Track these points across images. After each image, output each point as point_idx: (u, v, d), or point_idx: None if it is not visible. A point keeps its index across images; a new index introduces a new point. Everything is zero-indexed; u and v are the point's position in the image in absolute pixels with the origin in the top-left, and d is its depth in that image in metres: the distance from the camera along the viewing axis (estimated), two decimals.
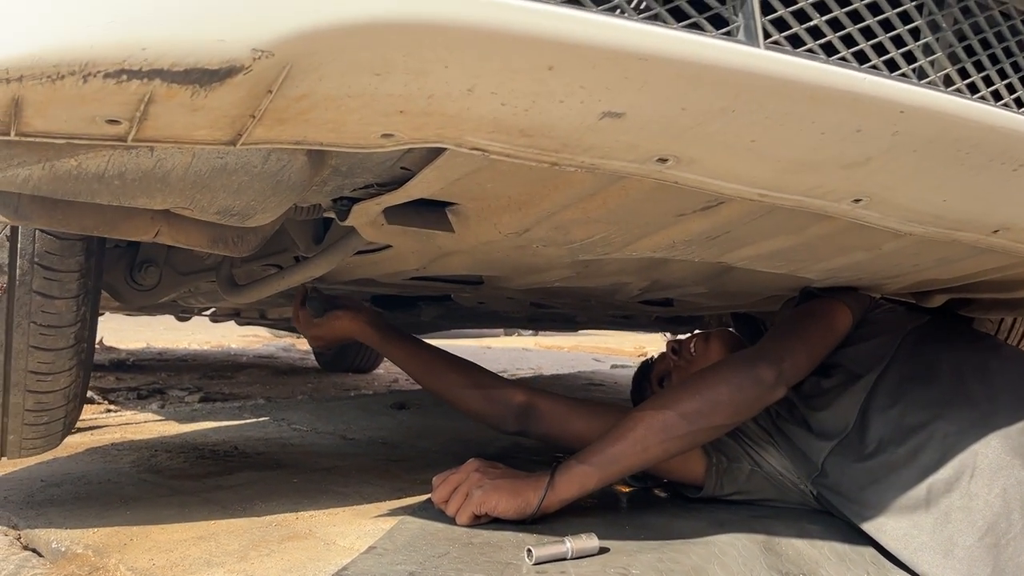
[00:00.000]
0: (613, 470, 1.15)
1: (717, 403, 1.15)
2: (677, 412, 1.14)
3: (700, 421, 1.15)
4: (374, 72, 0.62)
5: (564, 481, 1.15)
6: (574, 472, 1.15)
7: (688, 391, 1.17)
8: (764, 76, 0.67)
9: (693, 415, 1.14)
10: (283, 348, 5.96)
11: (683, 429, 1.14)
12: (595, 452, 1.16)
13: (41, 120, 0.66)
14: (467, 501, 1.13)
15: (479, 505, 1.12)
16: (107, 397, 2.77)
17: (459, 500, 1.14)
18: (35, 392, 1.04)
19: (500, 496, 1.13)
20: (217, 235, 0.92)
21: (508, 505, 1.12)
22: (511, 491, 1.13)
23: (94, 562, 1.00)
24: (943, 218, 0.92)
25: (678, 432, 1.14)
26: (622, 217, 0.97)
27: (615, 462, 1.15)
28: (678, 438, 1.15)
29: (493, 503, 1.12)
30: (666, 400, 1.17)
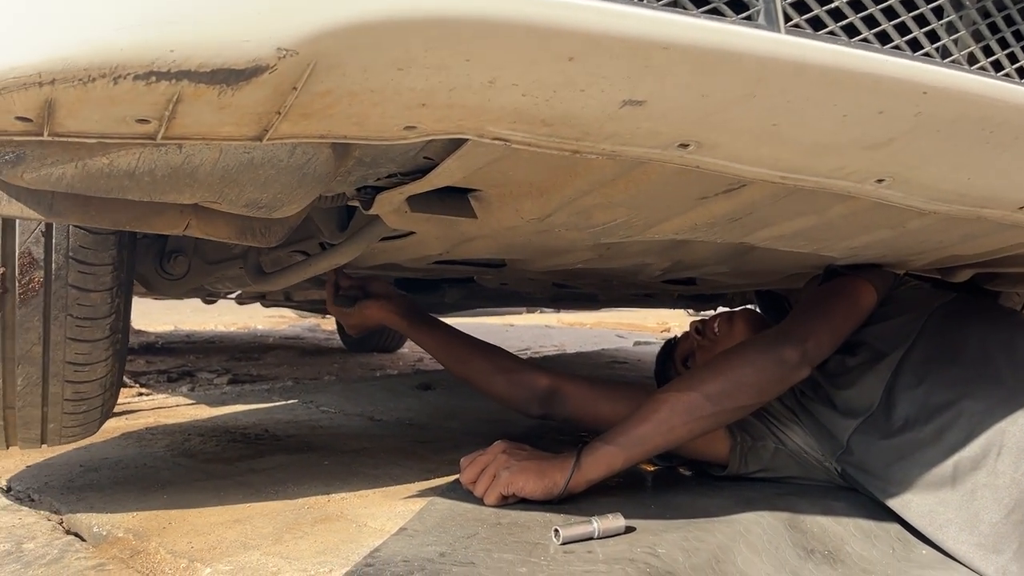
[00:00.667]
0: (638, 451, 1.17)
1: (741, 384, 1.16)
2: (701, 393, 1.15)
3: (724, 402, 1.15)
4: (396, 67, 0.63)
5: (590, 462, 1.16)
6: (600, 453, 1.16)
7: (712, 372, 1.18)
8: (785, 61, 0.67)
9: (717, 396, 1.15)
10: (308, 329, 6.03)
11: (708, 410, 1.15)
12: (621, 433, 1.17)
13: (73, 121, 0.67)
14: (495, 482, 1.15)
15: (506, 486, 1.14)
16: (138, 380, 2.83)
17: (487, 481, 1.16)
18: (73, 382, 1.07)
19: (527, 477, 1.15)
20: (245, 227, 0.94)
21: (535, 486, 1.14)
22: (538, 472, 1.15)
23: (135, 545, 1.03)
24: (968, 196, 0.92)
25: (702, 413, 1.15)
26: (644, 201, 0.97)
27: (640, 443, 1.16)
28: (702, 419, 1.16)
29: (520, 484, 1.14)
30: (690, 381, 1.18)
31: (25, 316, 0.99)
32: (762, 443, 1.33)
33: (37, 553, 1.01)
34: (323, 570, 0.93)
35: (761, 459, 1.34)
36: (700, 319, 1.57)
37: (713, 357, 1.25)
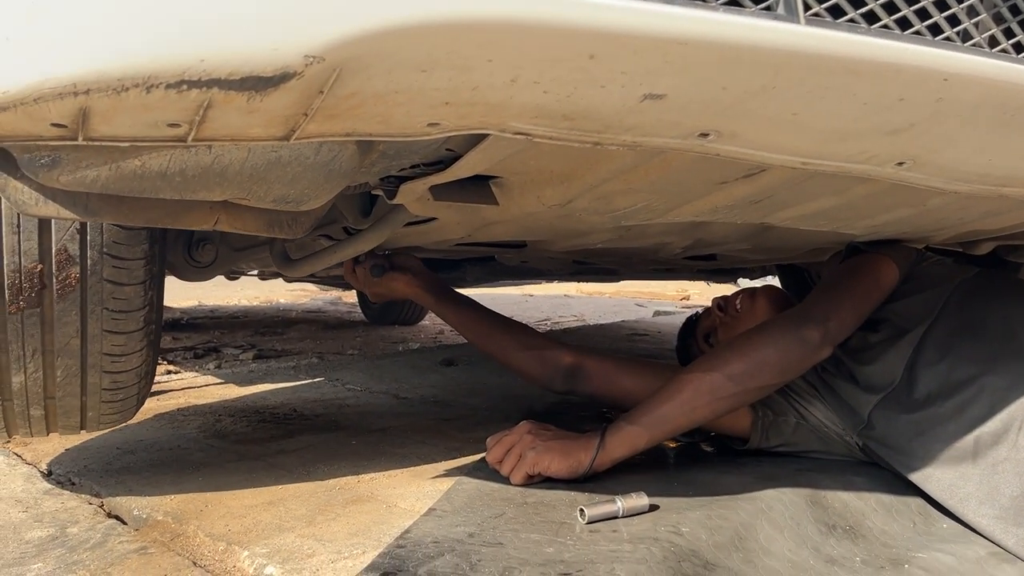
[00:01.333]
0: (662, 430, 1.19)
1: (764, 364, 1.17)
2: (724, 374, 1.17)
3: (747, 382, 1.17)
4: (419, 69, 0.64)
5: (614, 441, 1.19)
6: (624, 432, 1.19)
7: (735, 352, 1.19)
8: (805, 53, 0.67)
9: (740, 376, 1.16)
10: (330, 302, 6.09)
11: (730, 390, 1.17)
12: (644, 412, 1.19)
13: (107, 126, 0.69)
14: (520, 462, 1.18)
15: (532, 466, 1.17)
16: (166, 358, 2.88)
17: (513, 461, 1.19)
18: (110, 372, 1.11)
19: (552, 457, 1.17)
20: (272, 220, 0.96)
21: (560, 465, 1.17)
22: (562, 452, 1.18)
23: (175, 529, 1.07)
24: (989, 176, 0.92)
25: (725, 393, 1.17)
26: (664, 187, 0.98)
27: (663, 423, 1.18)
28: (725, 399, 1.17)
29: (546, 463, 1.17)
30: (713, 361, 1.19)
31: (63, 310, 1.02)
32: (783, 418, 1.35)
33: (81, 537, 1.05)
34: (356, 552, 0.97)
35: (782, 433, 1.36)
36: (722, 296, 1.58)
37: (735, 337, 1.26)
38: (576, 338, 3.61)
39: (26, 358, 1.05)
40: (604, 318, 4.81)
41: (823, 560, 1.00)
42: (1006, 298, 1.27)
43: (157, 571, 0.94)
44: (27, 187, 0.81)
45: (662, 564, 0.91)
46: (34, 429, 1.15)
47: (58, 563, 0.97)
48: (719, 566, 0.94)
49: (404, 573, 0.88)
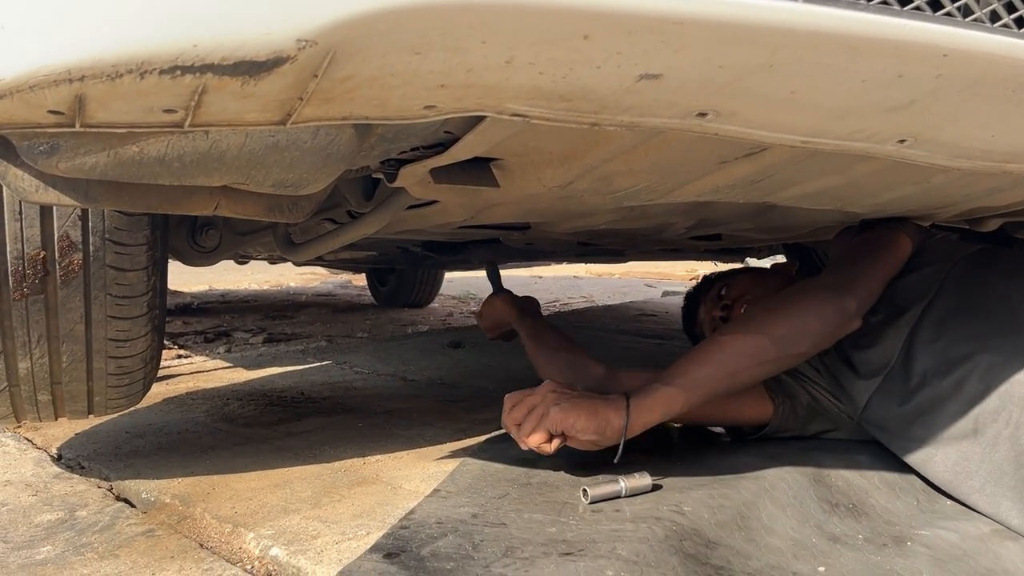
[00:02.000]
0: (698, 394, 1.11)
1: (806, 331, 1.13)
2: (768, 337, 1.11)
3: (789, 347, 1.12)
4: (414, 52, 0.64)
5: (647, 404, 1.10)
6: (658, 395, 1.10)
7: (777, 316, 1.14)
8: (802, 31, 0.66)
9: (783, 341, 1.11)
10: (340, 285, 6.11)
11: (771, 355, 1.11)
12: (680, 375, 1.12)
13: (103, 113, 0.69)
14: (543, 420, 1.08)
15: (556, 423, 1.07)
16: (176, 342, 2.90)
17: (534, 421, 1.09)
18: (115, 357, 1.11)
19: (579, 414, 1.07)
20: (273, 204, 0.96)
21: (587, 423, 1.07)
22: (590, 410, 1.08)
23: (182, 511, 1.08)
24: (992, 152, 0.91)
25: (767, 357, 1.11)
26: (664, 167, 0.97)
27: (700, 386, 1.11)
28: (765, 364, 1.12)
29: (571, 421, 1.07)
30: (754, 325, 1.14)
31: (67, 297, 1.03)
32: (798, 401, 1.34)
33: (90, 520, 1.06)
34: (360, 533, 0.98)
35: (799, 417, 1.34)
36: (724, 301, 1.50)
37: (771, 299, 1.20)
38: (585, 319, 3.61)
39: (32, 344, 1.05)
40: (613, 299, 4.81)
41: (826, 538, 1.01)
42: (1006, 275, 1.26)
43: (164, 553, 0.95)
44: (27, 174, 0.81)
45: (664, 543, 0.91)
46: (42, 414, 1.16)
47: (67, 545, 0.98)
48: (721, 544, 0.95)
49: (407, 554, 0.89)
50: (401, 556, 0.88)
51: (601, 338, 2.85)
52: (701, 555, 0.91)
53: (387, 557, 0.88)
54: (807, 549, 0.97)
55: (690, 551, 0.91)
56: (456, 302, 4.85)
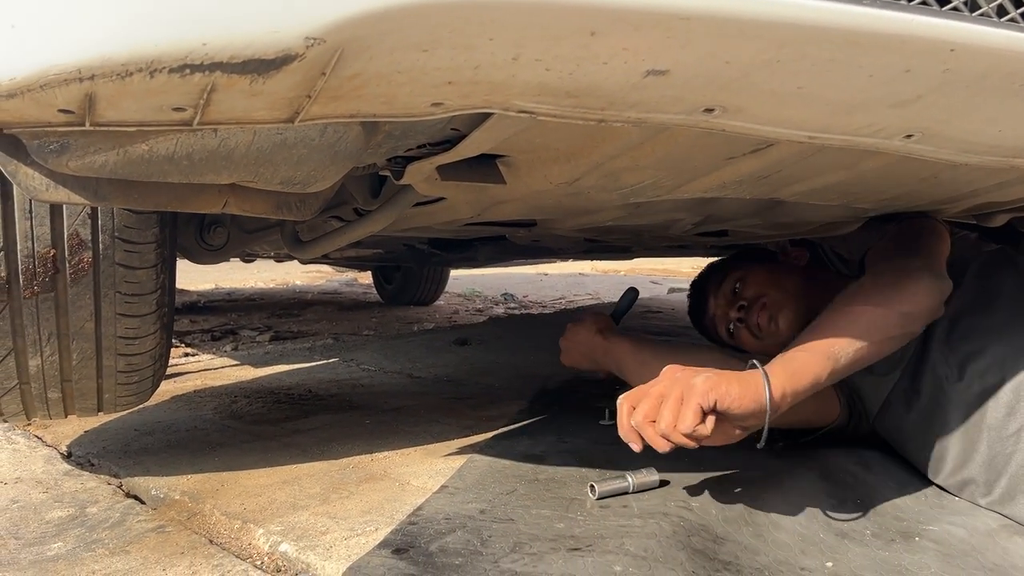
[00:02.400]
0: (841, 365, 1.01)
1: (922, 310, 1.08)
2: (895, 313, 1.05)
3: (908, 325, 1.07)
4: (421, 49, 0.64)
5: (794, 373, 0.98)
6: (803, 364, 0.99)
7: (899, 293, 1.08)
8: (809, 26, 0.66)
9: (906, 318, 1.06)
10: (346, 283, 6.12)
11: (896, 331, 1.05)
12: (818, 345, 1.02)
13: (113, 111, 0.70)
14: (688, 396, 0.92)
15: (706, 394, 0.91)
16: (184, 340, 2.91)
17: (676, 403, 0.92)
18: (125, 355, 1.12)
19: (729, 381, 0.93)
20: (281, 202, 0.96)
21: (742, 390, 0.93)
22: (739, 378, 0.94)
23: (191, 508, 1.09)
24: (999, 147, 0.91)
25: (892, 333, 1.04)
26: (671, 163, 0.98)
27: (842, 357, 1.01)
28: (891, 340, 1.05)
29: (724, 388, 0.92)
30: (879, 298, 1.07)
31: (77, 294, 1.03)
32: (856, 398, 1.30)
33: (100, 517, 1.07)
34: (369, 529, 0.98)
35: (855, 415, 1.30)
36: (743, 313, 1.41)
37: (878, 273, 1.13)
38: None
39: (42, 342, 1.06)
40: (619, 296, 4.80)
41: (833, 533, 1.01)
42: (1020, 274, 1.25)
43: (174, 549, 0.96)
44: (37, 173, 0.82)
45: (672, 538, 0.91)
46: (52, 411, 1.17)
47: (78, 542, 0.99)
48: (729, 540, 0.95)
49: (416, 549, 0.89)
50: (410, 552, 0.88)
51: None
52: (709, 550, 0.91)
53: (396, 553, 0.88)
54: (815, 544, 0.97)
55: (698, 546, 0.91)
56: (462, 299, 4.85)
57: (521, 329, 3.09)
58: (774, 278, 1.44)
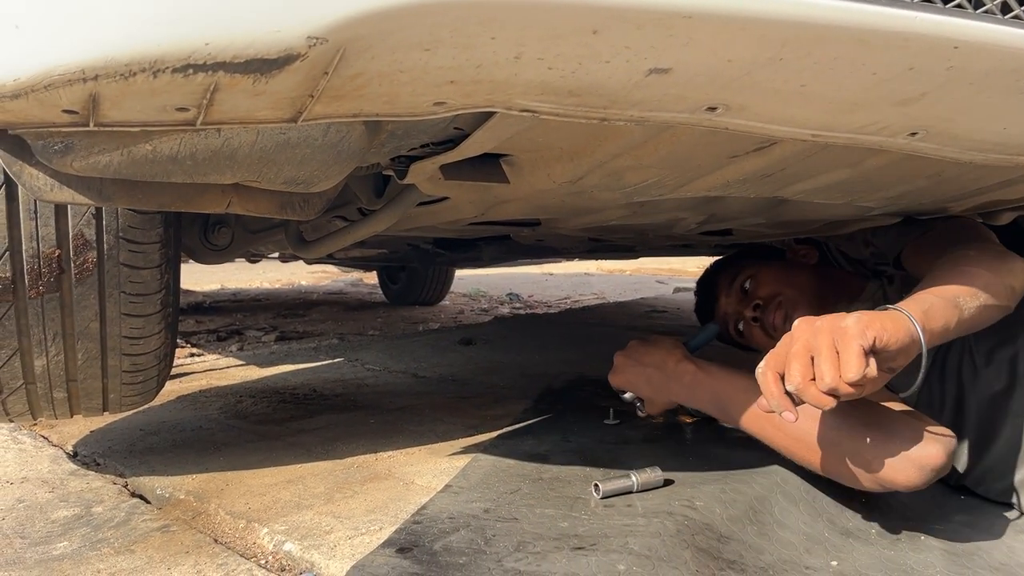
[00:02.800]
0: (964, 317, 0.98)
1: (1020, 287, 1.07)
2: (1003, 284, 1.03)
3: (1010, 299, 1.05)
4: (423, 48, 0.64)
5: (928, 313, 0.95)
6: (936, 307, 0.96)
7: (1006, 264, 1.07)
8: (812, 24, 0.66)
9: (1009, 292, 1.04)
10: (351, 284, 6.13)
11: (1003, 300, 1.02)
12: (943, 291, 0.99)
13: (117, 111, 0.70)
14: (844, 338, 0.87)
15: (863, 333, 0.87)
16: (189, 340, 2.92)
17: (829, 350, 0.86)
18: (129, 355, 1.12)
19: (882, 318, 0.90)
20: (284, 201, 0.96)
21: (894, 325, 0.90)
22: (884, 315, 0.91)
23: (196, 507, 1.09)
24: (1004, 144, 0.90)
25: (999, 302, 1.02)
26: (674, 162, 0.97)
27: (964, 309, 0.98)
28: (997, 308, 1.03)
29: (879, 324, 0.88)
30: (990, 265, 1.05)
31: (81, 294, 1.04)
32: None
33: (106, 516, 1.07)
34: (373, 528, 0.98)
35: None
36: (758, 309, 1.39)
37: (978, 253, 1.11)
38: (596, 316, 3.61)
39: (47, 342, 1.06)
40: (624, 295, 4.80)
41: (839, 532, 1.01)
42: None
43: (179, 548, 0.96)
44: (42, 173, 0.82)
45: (676, 537, 0.91)
46: (58, 411, 1.17)
47: (83, 541, 0.99)
48: (733, 539, 0.95)
49: (420, 548, 0.89)
50: (414, 551, 0.88)
51: (612, 335, 2.85)
52: (713, 549, 0.91)
53: (400, 552, 0.88)
54: (820, 543, 0.97)
55: (702, 545, 0.91)
56: (467, 299, 4.85)
57: (526, 329, 3.09)
58: (786, 276, 1.43)
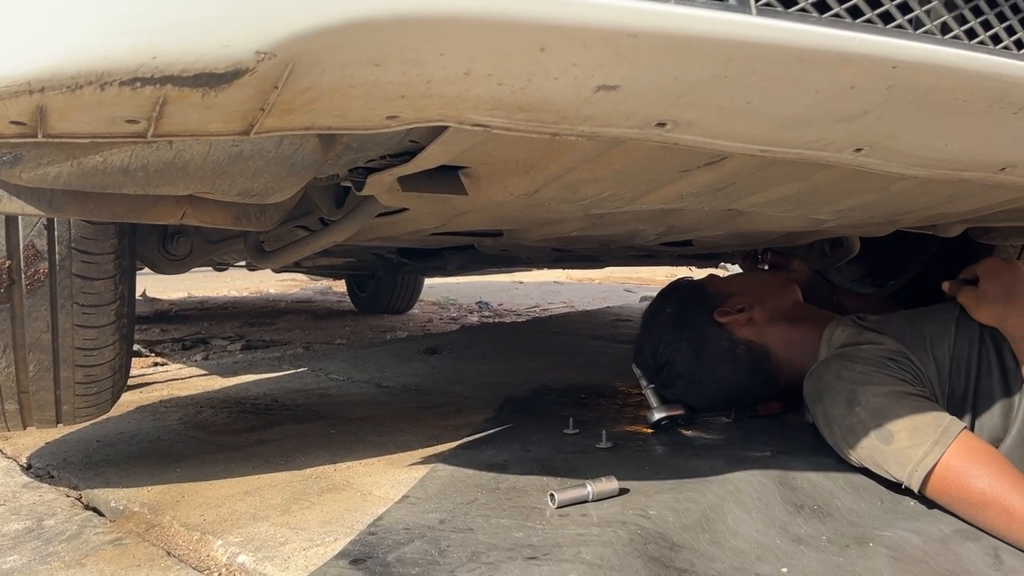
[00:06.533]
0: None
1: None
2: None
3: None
4: (373, 64, 0.65)
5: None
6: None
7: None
8: (755, 43, 0.68)
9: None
10: (320, 292, 6.09)
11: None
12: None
13: (65, 123, 0.70)
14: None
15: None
16: (153, 349, 2.88)
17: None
18: (83, 366, 1.11)
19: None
20: (240, 213, 0.96)
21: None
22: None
23: (150, 519, 1.08)
24: (947, 160, 0.93)
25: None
26: (628, 176, 0.99)
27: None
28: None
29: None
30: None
31: (33, 306, 1.03)
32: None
33: (57, 529, 1.06)
34: (328, 539, 0.98)
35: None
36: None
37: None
38: (562, 324, 3.63)
39: None
40: (592, 304, 4.82)
41: (790, 539, 1.02)
42: None
43: (131, 561, 0.95)
44: None
45: (628, 546, 0.92)
46: (10, 423, 1.16)
47: (33, 555, 0.98)
48: (686, 547, 0.96)
49: (374, 559, 0.89)
50: (367, 562, 0.89)
51: (577, 344, 2.87)
52: (665, 558, 0.92)
53: (353, 563, 0.88)
54: (771, 551, 0.99)
55: (654, 554, 0.92)
56: (436, 308, 4.85)
57: (491, 338, 3.10)
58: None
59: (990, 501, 1.03)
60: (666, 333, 1.53)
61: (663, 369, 1.51)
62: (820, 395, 1.25)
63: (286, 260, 1.34)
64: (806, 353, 1.41)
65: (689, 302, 1.56)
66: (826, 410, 1.22)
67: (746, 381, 1.46)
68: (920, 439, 1.09)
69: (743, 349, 1.45)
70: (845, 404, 1.18)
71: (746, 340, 1.45)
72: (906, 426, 1.11)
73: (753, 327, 1.46)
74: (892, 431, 1.11)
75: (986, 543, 1.05)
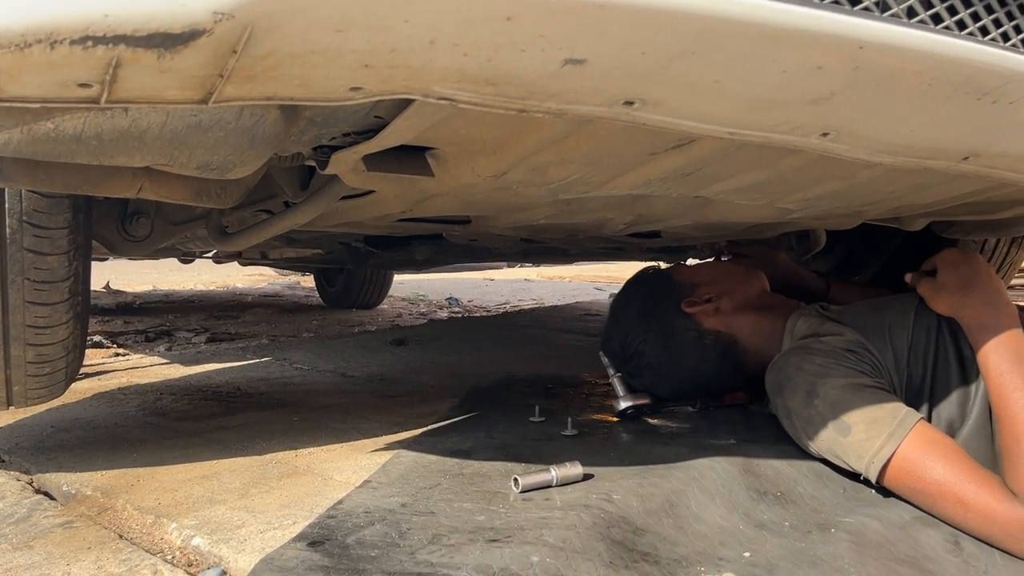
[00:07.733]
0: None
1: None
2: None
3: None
4: (335, 29, 0.63)
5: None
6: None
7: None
8: (722, 19, 0.67)
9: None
10: (288, 286, 6.03)
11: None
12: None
13: (14, 86, 0.67)
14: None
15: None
16: (115, 341, 2.83)
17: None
18: (35, 345, 1.08)
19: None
20: (200, 188, 0.94)
21: None
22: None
23: (103, 503, 1.06)
24: (912, 147, 0.94)
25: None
26: (596, 158, 0.98)
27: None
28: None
29: None
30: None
31: None
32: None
33: (5, 512, 1.03)
34: (287, 522, 0.96)
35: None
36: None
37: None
38: (531, 318, 3.62)
39: None
40: (562, 300, 4.83)
41: (753, 525, 1.02)
42: None
43: (80, 544, 0.93)
44: None
45: (591, 530, 0.92)
46: None
47: None
48: (649, 531, 0.96)
49: (332, 542, 0.88)
50: (325, 544, 0.87)
51: (545, 336, 2.86)
52: (628, 541, 0.92)
53: (311, 545, 0.87)
54: (734, 536, 0.99)
55: (617, 537, 0.92)
56: (406, 303, 4.82)
57: (459, 330, 3.08)
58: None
59: (945, 492, 1.04)
60: (634, 324, 1.52)
61: (631, 359, 1.50)
62: (781, 387, 1.25)
63: (249, 242, 1.31)
64: (773, 342, 1.42)
65: (657, 292, 1.56)
66: (786, 402, 1.23)
67: (714, 371, 1.46)
68: (877, 431, 1.09)
69: (711, 339, 1.45)
70: (804, 397, 1.19)
71: (714, 330, 1.46)
72: (863, 418, 1.11)
73: (720, 317, 1.46)
74: (849, 424, 1.12)
75: (945, 530, 1.06)
